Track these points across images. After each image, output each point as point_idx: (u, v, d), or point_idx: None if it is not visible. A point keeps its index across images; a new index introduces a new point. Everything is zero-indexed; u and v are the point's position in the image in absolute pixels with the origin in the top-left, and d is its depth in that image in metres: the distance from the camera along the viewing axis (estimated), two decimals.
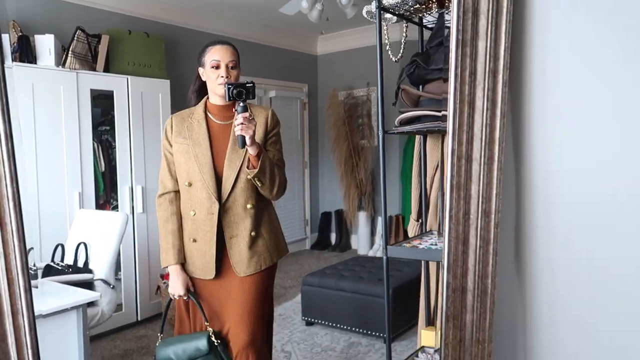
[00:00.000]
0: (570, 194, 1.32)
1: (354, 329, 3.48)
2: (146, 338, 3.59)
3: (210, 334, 1.93)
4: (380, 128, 1.61)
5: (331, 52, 6.26)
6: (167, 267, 2.00)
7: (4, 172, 0.97)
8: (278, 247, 2.06)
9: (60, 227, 3.28)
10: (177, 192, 2.03)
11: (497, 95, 1.19)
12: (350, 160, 5.88)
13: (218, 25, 4.99)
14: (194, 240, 1.97)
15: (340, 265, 4.03)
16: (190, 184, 1.96)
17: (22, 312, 1.03)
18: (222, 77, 1.91)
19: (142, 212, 3.86)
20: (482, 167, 1.21)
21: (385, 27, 1.97)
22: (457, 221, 1.22)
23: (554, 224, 1.34)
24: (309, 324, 3.75)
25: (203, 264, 1.95)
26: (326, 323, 3.62)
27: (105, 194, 3.88)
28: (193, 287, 2.01)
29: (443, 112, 1.34)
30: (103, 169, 3.83)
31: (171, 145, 2.00)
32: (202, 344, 1.91)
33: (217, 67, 1.93)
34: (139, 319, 3.86)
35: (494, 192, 1.22)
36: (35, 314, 1.19)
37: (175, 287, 1.97)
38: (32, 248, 2.78)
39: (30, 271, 1.17)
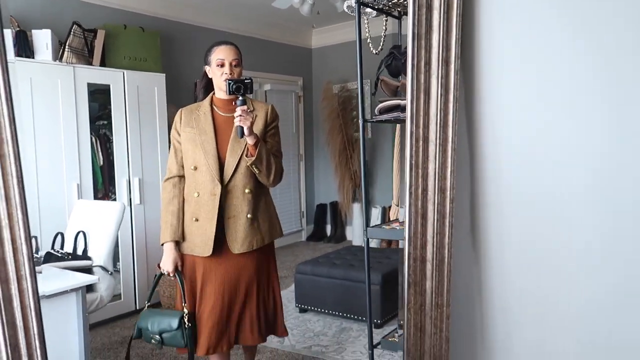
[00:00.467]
0: (516, 172, 1.46)
1: (345, 314, 3.59)
2: None
3: (185, 314, 2.11)
4: (360, 117, 1.71)
5: (325, 45, 6.33)
6: (163, 244, 2.18)
7: (8, 152, 1.08)
8: (271, 231, 2.27)
9: (60, 217, 3.38)
10: (180, 177, 2.23)
11: (449, 83, 1.31)
12: (344, 153, 5.98)
13: (213, 20, 5.08)
14: (196, 220, 2.15)
15: (333, 254, 4.14)
16: (195, 168, 2.16)
17: (26, 277, 1.14)
18: (227, 73, 2.13)
19: (140, 204, 3.96)
20: (437, 147, 1.32)
21: (366, 21, 2.06)
22: (417, 197, 1.34)
23: (502, 200, 1.48)
24: (302, 310, 3.86)
25: (202, 242, 2.13)
26: (319, 310, 3.74)
27: (104, 187, 3.97)
28: (181, 267, 2.20)
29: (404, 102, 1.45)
30: (101, 163, 3.92)
31: (179, 135, 2.21)
32: (173, 321, 2.11)
33: (222, 65, 2.15)
34: (137, 307, 3.97)
35: (449, 170, 1.33)
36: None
37: (166, 263, 2.17)
38: (35, 236, 2.88)
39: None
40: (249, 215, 2.15)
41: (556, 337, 1.44)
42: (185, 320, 2.11)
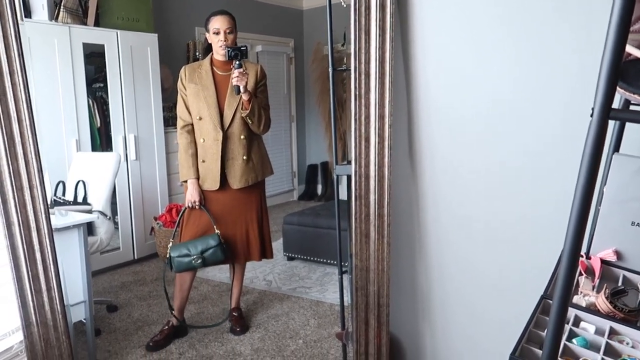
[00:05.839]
0: (443, 103, 1.68)
1: (329, 261, 3.85)
2: (142, 273, 3.97)
3: (218, 234, 2.59)
4: (330, 65, 1.89)
5: (316, 6, 6.38)
6: (185, 181, 2.64)
7: (19, 81, 1.28)
8: (264, 169, 2.74)
9: (60, 169, 3.59)
10: (192, 125, 2.62)
11: (386, 24, 1.51)
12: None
13: None
14: (203, 161, 2.61)
15: (319, 207, 4.38)
16: (200, 118, 2.58)
17: (37, 186, 1.35)
18: (221, 40, 2.52)
19: (136, 160, 4.15)
20: (377, 81, 1.53)
21: None
22: (360, 123, 1.56)
23: (433, 126, 1.72)
24: (290, 259, 4.12)
25: (211, 178, 2.60)
26: (305, 257, 3.99)
27: (101, 148, 4.15)
28: (204, 200, 2.64)
29: None
30: (99, 125, 4.09)
31: (185, 89, 2.61)
32: (213, 239, 2.56)
33: (218, 33, 2.53)
34: (135, 257, 4.22)
35: (387, 100, 1.55)
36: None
37: (194, 195, 2.60)
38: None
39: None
40: (244, 157, 2.60)
41: (477, 241, 1.69)
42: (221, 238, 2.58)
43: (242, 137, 2.58)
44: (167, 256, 2.60)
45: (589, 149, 0.68)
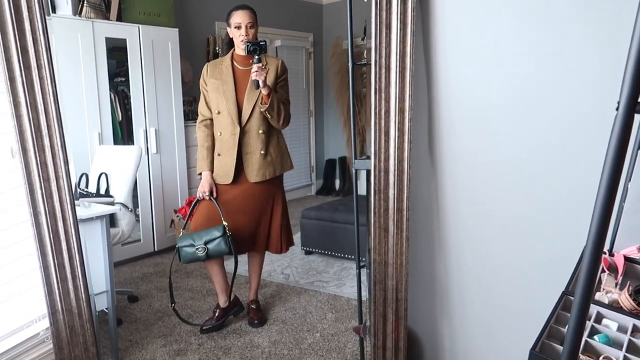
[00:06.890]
0: (464, 96, 1.66)
1: (347, 256, 3.86)
2: (162, 264, 4.03)
3: (226, 225, 2.58)
4: (350, 59, 1.89)
5: (336, 0, 6.36)
6: (200, 173, 2.69)
7: (46, 75, 1.31)
8: (283, 164, 2.74)
9: (84, 161, 3.66)
10: (211, 119, 2.68)
11: (407, 18, 1.50)
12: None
13: None
14: (219, 155, 2.65)
15: (337, 201, 4.38)
16: (219, 112, 2.62)
17: (63, 177, 1.39)
18: (243, 35, 2.54)
19: (156, 153, 4.21)
20: (397, 74, 1.53)
21: None
22: (380, 117, 1.56)
23: (454, 121, 1.71)
24: (307, 253, 4.14)
25: (224, 172, 2.64)
26: (323, 252, 4.01)
27: (123, 141, 4.22)
28: (216, 193, 2.67)
29: None
30: (120, 118, 4.15)
31: (206, 84, 2.65)
32: (217, 230, 2.55)
33: (239, 28, 2.54)
34: (155, 249, 4.29)
35: (407, 94, 1.54)
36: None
37: (205, 186, 2.65)
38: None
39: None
40: (262, 152, 2.62)
41: (497, 235, 1.68)
42: (227, 230, 2.57)
43: (260, 131, 2.59)
44: (176, 246, 2.61)
45: (613, 143, 0.67)
